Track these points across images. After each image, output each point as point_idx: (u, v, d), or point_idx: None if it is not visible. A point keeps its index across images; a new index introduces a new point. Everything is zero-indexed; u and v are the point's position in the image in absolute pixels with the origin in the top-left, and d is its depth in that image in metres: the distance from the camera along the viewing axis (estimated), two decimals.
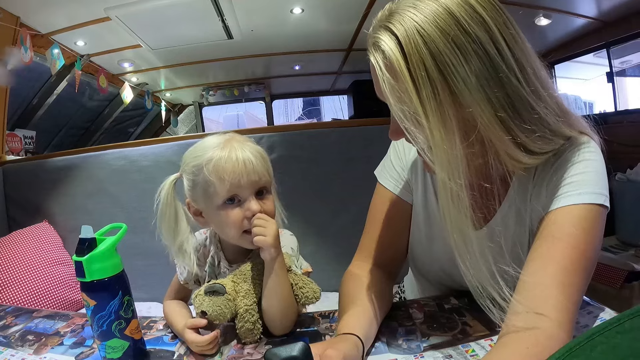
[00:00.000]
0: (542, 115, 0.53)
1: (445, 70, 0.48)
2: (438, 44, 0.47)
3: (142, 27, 2.60)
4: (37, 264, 1.50)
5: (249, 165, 0.65)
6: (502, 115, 0.50)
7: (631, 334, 0.33)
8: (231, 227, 0.67)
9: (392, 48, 0.49)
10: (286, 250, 0.73)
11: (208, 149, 0.67)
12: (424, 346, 0.60)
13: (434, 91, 0.48)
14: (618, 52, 2.87)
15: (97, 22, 2.40)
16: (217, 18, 2.58)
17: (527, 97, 0.51)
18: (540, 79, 0.53)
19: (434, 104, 0.49)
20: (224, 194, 0.66)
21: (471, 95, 0.49)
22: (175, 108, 5.12)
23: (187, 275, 0.78)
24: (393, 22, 0.50)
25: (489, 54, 0.49)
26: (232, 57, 3.54)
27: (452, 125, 0.50)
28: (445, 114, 0.49)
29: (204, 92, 4.64)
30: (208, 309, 0.63)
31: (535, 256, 0.54)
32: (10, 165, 1.81)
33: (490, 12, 0.49)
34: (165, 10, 2.37)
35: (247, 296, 0.66)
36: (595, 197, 0.54)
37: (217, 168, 0.65)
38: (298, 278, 0.69)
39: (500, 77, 0.49)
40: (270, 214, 0.68)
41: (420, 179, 0.72)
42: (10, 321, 0.80)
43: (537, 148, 0.54)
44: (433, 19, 0.48)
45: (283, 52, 3.54)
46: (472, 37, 0.48)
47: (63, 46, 2.48)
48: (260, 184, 0.68)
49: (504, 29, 0.50)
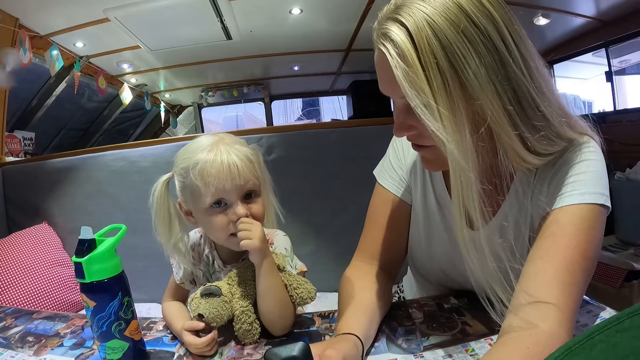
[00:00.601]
0: (546, 113, 0.53)
1: (455, 62, 0.48)
2: (448, 35, 0.47)
3: (141, 28, 2.60)
4: (36, 266, 1.50)
5: (233, 169, 0.65)
6: (510, 109, 0.50)
7: (631, 333, 0.33)
8: (218, 231, 0.68)
9: (402, 38, 0.49)
10: (280, 251, 0.73)
11: (196, 152, 0.66)
12: (424, 346, 0.60)
13: (444, 82, 0.48)
14: (617, 51, 2.88)
15: (96, 24, 2.40)
16: (215, 19, 2.58)
17: (532, 93, 0.51)
18: (543, 77, 0.53)
19: (444, 95, 0.49)
20: (209, 198, 0.66)
21: (481, 88, 0.49)
22: (175, 109, 5.12)
23: (183, 275, 0.78)
24: (402, 14, 0.49)
25: (498, 48, 0.49)
26: (231, 58, 3.54)
27: (462, 117, 0.50)
28: (456, 105, 0.49)
29: (203, 93, 4.64)
30: (205, 312, 0.63)
31: (536, 255, 0.54)
32: (10, 167, 1.81)
33: (497, 8, 0.49)
34: (164, 12, 2.37)
35: (242, 298, 0.66)
36: (596, 197, 0.54)
37: (203, 172, 0.64)
38: (292, 278, 0.68)
39: (507, 72, 0.49)
40: (258, 217, 0.68)
41: (419, 179, 0.72)
42: (10, 322, 0.80)
43: (541, 148, 0.54)
44: (443, 11, 0.48)
45: (282, 52, 3.55)
46: (481, 30, 0.48)
47: (62, 47, 2.48)
48: (247, 188, 0.67)
49: (510, 25, 0.50)
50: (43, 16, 2.14)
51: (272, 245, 0.74)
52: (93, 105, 3.78)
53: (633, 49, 2.84)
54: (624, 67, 3.04)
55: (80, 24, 2.37)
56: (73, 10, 2.21)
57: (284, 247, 0.74)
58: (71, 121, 3.68)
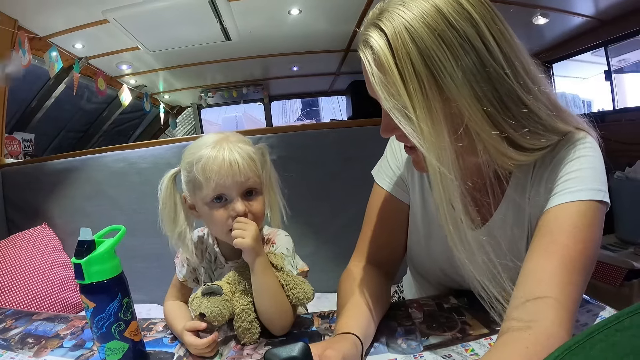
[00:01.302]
0: (533, 108, 0.53)
1: (432, 65, 0.49)
2: (425, 39, 0.49)
3: (140, 29, 2.60)
4: (36, 267, 1.50)
5: (234, 166, 0.66)
6: (489, 109, 0.51)
7: (631, 332, 0.33)
8: (217, 225, 0.70)
9: (380, 44, 0.51)
10: (281, 251, 0.73)
11: (201, 147, 0.69)
12: (424, 346, 0.60)
13: (420, 85, 0.50)
14: (616, 50, 2.88)
15: (95, 25, 2.39)
16: (214, 20, 2.58)
17: (516, 91, 0.52)
18: (530, 73, 0.54)
19: (420, 98, 0.50)
20: (210, 193, 0.68)
21: (457, 90, 0.50)
22: (174, 110, 5.11)
23: (186, 273, 0.79)
24: (383, 19, 0.51)
25: (476, 48, 0.49)
26: (230, 59, 3.54)
27: (439, 119, 0.51)
28: (432, 107, 0.50)
29: (202, 93, 4.63)
30: (206, 310, 0.63)
31: (534, 254, 0.53)
32: (9, 168, 1.81)
33: (478, 9, 0.50)
34: (162, 13, 2.37)
35: (242, 296, 0.67)
36: (594, 193, 0.54)
37: (205, 168, 0.67)
38: (290, 278, 0.69)
39: (487, 72, 0.50)
40: (257, 214, 0.70)
41: (417, 179, 0.72)
42: (10, 324, 0.80)
43: (527, 144, 0.55)
44: (421, 16, 0.49)
45: (281, 53, 3.54)
46: (459, 32, 0.49)
47: (61, 49, 2.48)
48: (247, 186, 0.69)
49: (492, 25, 0.51)
50: (42, 18, 2.14)
51: (274, 245, 0.75)
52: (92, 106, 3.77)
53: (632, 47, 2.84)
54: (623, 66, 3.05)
55: (79, 26, 2.37)
56: (72, 12, 2.20)
57: (286, 247, 0.75)
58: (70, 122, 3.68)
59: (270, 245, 0.75)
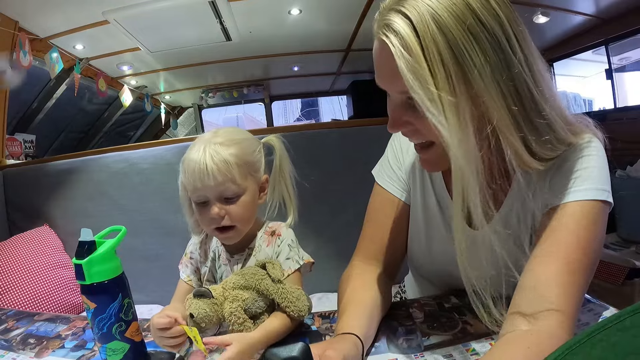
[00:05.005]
0: (549, 116, 0.52)
1: (460, 58, 0.47)
2: (454, 31, 0.46)
3: (140, 30, 2.60)
4: (38, 268, 1.50)
5: (203, 169, 0.66)
6: (515, 109, 0.50)
7: (632, 331, 0.33)
8: (203, 224, 0.72)
9: (405, 30, 0.47)
10: (287, 242, 0.74)
11: (192, 147, 0.70)
12: (424, 346, 0.60)
13: (448, 78, 0.47)
14: (617, 48, 2.87)
15: (96, 26, 2.40)
16: (215, 20, 2.58)
17: (535, 96, 0.50)
18: (545, 80, 0.53)
19: (448, 91, 0.47)
20: (190, 193, 0.70)
21: (485, 86, 0.48)
22: (175, 110, 5.12)
23: (190, 271, 0.78)
24: (406, 5, 0.48)
25: (503, 47, 0.48)
26: (231, 59, 3.54)
27: (465, 115, 0.49)
28: (459, 100, 0.48)
29: (203, 94, 4.63)
30: (194, 311, 0.63)
31: (537, 254, 0.53)
32: (11, 170, 1.81)
33: (504, 7, 0.49)
34: (163, 13, 2.37)
35: (233, 301, 0.66)
36: (598, 193, 0.53)
37: (185, 169, 0.69)
38: (283, 297, 0.66)
39: (512, 72, 0.49)
40: (235, 218, 0.69)
41: (418, 179, 0.72)
42: (12, 325, 0.80)
43: (542, 153, 0.53)
44: (448, 6, 0.47)
45: (281, 53, 3.54)
46: (487, 28, 0.47)
47: (62, 50, 2.48)
48: (219, 191, 0.68)
49: (515, 26, 0.49)
50: (42, 19, 2.14)
51: (279, 237, 0.75)
52: (93, 107, 3.78)
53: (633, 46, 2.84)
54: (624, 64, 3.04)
55: (79, 27, 2.37)
56: (72, 13, 2.20)
57: (291, 239, 0.76)
58: (71, 123, 3.68)
59: (276, 237, 0.75)
